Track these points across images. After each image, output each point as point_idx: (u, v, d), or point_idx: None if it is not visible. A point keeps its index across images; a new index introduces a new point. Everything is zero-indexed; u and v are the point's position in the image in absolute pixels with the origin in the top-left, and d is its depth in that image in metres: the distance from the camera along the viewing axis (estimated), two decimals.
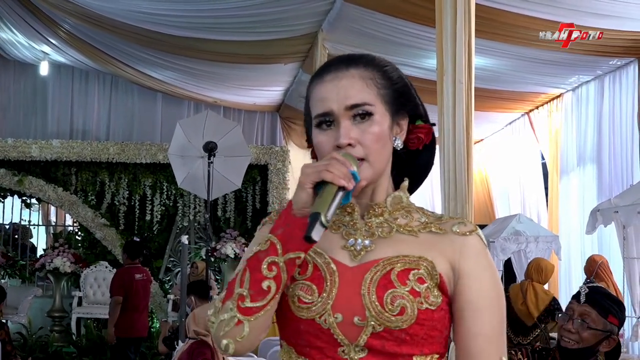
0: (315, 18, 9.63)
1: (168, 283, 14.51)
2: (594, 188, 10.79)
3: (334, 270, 1.86)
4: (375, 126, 1.88)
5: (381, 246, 1.89)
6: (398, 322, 1.79)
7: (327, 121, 1.90)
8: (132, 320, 10.24)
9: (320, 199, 1.74)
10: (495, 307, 1.88)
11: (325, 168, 1.77)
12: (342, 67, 1.93)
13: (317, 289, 1.84)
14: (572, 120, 11.56)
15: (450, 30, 5.56)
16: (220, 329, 1.80)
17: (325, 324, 1.82)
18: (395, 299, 1.79)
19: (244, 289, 1.79)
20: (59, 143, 14.52)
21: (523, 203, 13.31)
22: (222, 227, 14.48)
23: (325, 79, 1.93)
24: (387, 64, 1.98)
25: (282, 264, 1.79)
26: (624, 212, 7.65)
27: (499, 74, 10.41)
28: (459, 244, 1.88)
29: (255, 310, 1.78)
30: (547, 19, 8.28)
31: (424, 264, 1.84)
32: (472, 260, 1.88)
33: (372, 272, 1.83)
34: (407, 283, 1.81)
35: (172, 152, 10.58)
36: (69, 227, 16.64)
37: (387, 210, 1.95)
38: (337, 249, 1.90)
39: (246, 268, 1.82)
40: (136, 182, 14.72)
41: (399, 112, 1.95)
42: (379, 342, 1.80)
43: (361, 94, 1.88)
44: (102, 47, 12.70)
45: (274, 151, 15.17)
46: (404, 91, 1.97)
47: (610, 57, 9.79)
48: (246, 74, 12.91)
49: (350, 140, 1.86)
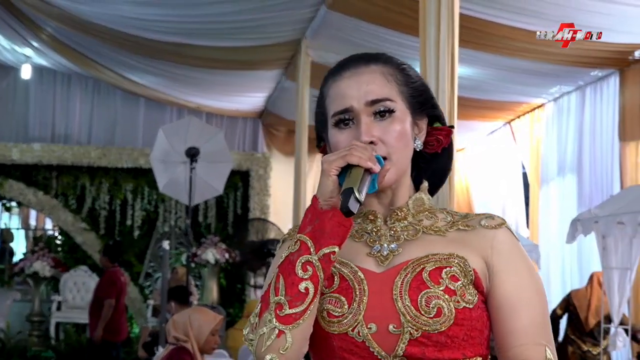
0: (299, 25, 9.65)
1: (148, 288, 14.46)
2: (574, 198, 10.84)
3: (362, 279, 1.76)
4: (397, 124, 1.82)
5: (408, 248, 1.80)
6: (436, 325, 1.69)
7: (346, 119, 1.83)
8: (120, 323, 10.31)
9: (348, 179, 1.69)
10: (535, 300, 1.78)
11: (349, 152, 1.71)
12: (362, 63, 1.88)
13: (347, 300, 1.74)
14: (553, 130, 11.62)
15: (434, 40, 5.59)
16: (261, 345, 1.69)
17: (359, 336, 1.72)
18: (430, 299, 1.70)
19: (281, 296, 1.69)
20: (40, 146, 14.46)
21: (503, 212, 13.36)
22: (203, 233, 14.46)
23: (344, 75, 1.86)
24: (405, 63, 1.93)
25: (317, 262, 1.69)
26: (604, 222, 7.69)
27: (481, 83, 10.46)
28: (489, 238, 1.80)
29: (296, 317, 1.68)
30: (530, 30, 8.32)
31: (456, 260, 1.75)
32: (505, 254, 1.79)
33: (402, 275, 1.74)
34: (440, 282, 1.72)
35: (154, 157, 10.56)
36: (48, 231, 16.58)
37: (411, 213, 1.87)
38: (363, 257, 1.81)
39: (279, 274, 1.73)
40: (117, 187, 14.68)
41: (418, 112, 1.89)
42: (419, 349, 1.70)
43: (382, 89, 1.83)
44: (84, 51, 12.67)
45: (256, 157, 15.17)
46: (423, 90, 1.92)
47: (592, 68, 9.85)
48: (229, 79, 12.92)
49: (372, 137, 1.79)
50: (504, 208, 13.38)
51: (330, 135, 1.86)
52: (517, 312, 1.75)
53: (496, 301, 1.77)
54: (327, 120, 1.88)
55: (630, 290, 8.25)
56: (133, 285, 14.27)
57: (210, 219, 14.83)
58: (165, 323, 6.63)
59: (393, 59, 1.92)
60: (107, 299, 10.11)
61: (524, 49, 8.96)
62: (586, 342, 8.67)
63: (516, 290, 1.76)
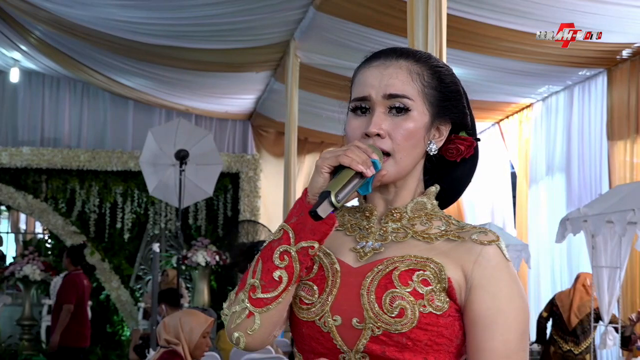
0: (288, 27, 9.66)
1: (139, 291, 14.45)
2: (563, 197, 10.88)
3: (337, 271, 1.78)
4: (410, 122, 1.80)
5: (390, 249, 1.79)
6: (397, 325, 1.69)
7: (362, 107, 1.83)
8: (82, 328, 9.94)
9: (334, 180, 1.70)
10: (512, 323, 1.73)
11: (344, 153, 1.71)
12: (393, 56, 1.87)
13: (318, 289, 1.78)
14: (542, 130, 11.66)
15: (422, 40, 5.60)
16: (232, 322, 1.76)
17: (325, 326, 1.75)
18: (394, 299, 1.70)
19: (256, 279, 1.74)
20: (29, 150, 14.44)
21: (492, 212, 13.40)
22: (193, 235, 14.46)
23: (373, 64, 1.86)
24: (443, 66, 1.91)
25: (295, 254, 1.73)
26: (593, 221, 7.72)
27: (470, 84, 10.45)
28: (475, 252, 1.75)
29: (267, 302, 1.73)
30: (518, 30, 8.36)
31: (431, 265, 1.73)
32: (488, 272, 1.74)
33: (374, 272, 1.75)
34: (409, 284, 1.71)
35: (144, 159, 10.55)
36: (38, 235, 16.53)
37: (407, 216, 1.84)
38: (346, 251, 1.82)
39: (259, 258, 1.77)
40: (107, 190, 14.66)
41: (441, 116, 1.86)
42: (379, 347, 1.71)
43: (403, 86, 1.81)
44: (73, 54, 12.65)
45: (246, 159, 15.18)
46: (453, 97, 1.89)
47: (580, 68, 9.89)
48: (218, 82, 12.92)
49: (380, 130, 1.78)
50: (492, 207, 13.42)
51: (347, 120, 1.87)
52: (490, 332, 1.72)
53: (470, 317, 1.74)
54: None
55: (619, 289, 8.28)
56: (124, 288, 14.26)
57: (200, 221, 14.83)
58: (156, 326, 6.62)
59: (431, 59, 1.90)
60: (66, 304, 9.73)
61: (512, 49, 8.99)
62: (568, 341, 8.72)
63: (492, 310, 1.73)
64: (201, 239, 14.05)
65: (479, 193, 13.91)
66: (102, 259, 14.25)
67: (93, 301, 13.98)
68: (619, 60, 9.56)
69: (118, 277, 14.30)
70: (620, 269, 8.06)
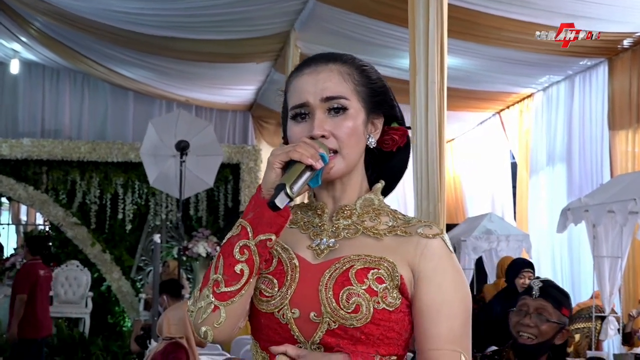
0: (288, 17, 9.64)
1: (140, 282, 14.46)
2: (564, 187, 10.87)
3: (296, 266, 1.88)
4: (349, 120, 1.90)
5: (344, 246, 1.89)
6: (352, 320, 1.79)
7: (302, 113, 1.92)
8: (40, 318, 9.82)
9: (287, 174, 1.79)
10: (456, 311, 1.86)
11: (293, 148, 1.80)
12: (322, 61, 1.95)
13: (278, 283, 1.86)
14: (543, 119, 11.65)
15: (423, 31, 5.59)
16: (198, 317, 1.83)
17: (284, 318, 1.84)
18: (350, 296, 1.80)
19: (219, 275, 1.82)
20: (30, 142, 14.41)
21: (493, 202, 13.39)
22: (194, 226, 14.44)
23: (304, 72, 1.95)
24: (367, 64, 2.00)
25: (254, 247, 1.82)
26: (594, 211, 7.72)
27: (470, 74, 10.47)
28: (421, 246, 1.87)
29: (230, 295, 1.81)
30: (519, 19, 8.34)
31: (385, 264, 1.84)
32: (433, 263, 1.86)
33: (331, 269, 1.84)
34: (364, 282, 1.81)
35: (144, 151, 10.54)
36: (39, 226, 16.53)
37: (356, 213, 1.95)
38: (303, 247, 1.92)
39: (220, 254, 1.86)
40: (107, 181, 14.63)
41: (374, 111, 1.97)
42: (335, 340, 1.81)
43: (338, 87, 1.90)
44: (73, 46, 12.64)
45: (246, 150, 15.15)
46: (381, 92, 1.99)
47: (581, 58, 9.87)
48: (218, 72, 12.90)
49: (324, 132, 1.88)
50: (492, 197, 13.41)
51: (288, 127, 1.96)
52: (436, 320, 1.84)
53: (418, 306, 1.85)
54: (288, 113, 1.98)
55: (621, 278, 8.28)
56: (125, 279, 14.26)
57: (201, 212, 14.81)
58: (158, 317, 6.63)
59: (355, 60, 1.99)
60: (19, 294, 9.66)
61: (513, 39, 8.98)
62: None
63: (438, 299, 1.84)
64: (202, 229, 14.04)
65: (479, 183, 13.92)
66: (103, 250, 14.24)
67: (94, 292, 14.02)
68: (620, 50, 9.55)
69: (119, 268, 14.29)
70: (622, 258, 8.06)
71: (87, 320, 13.59)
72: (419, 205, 5.60)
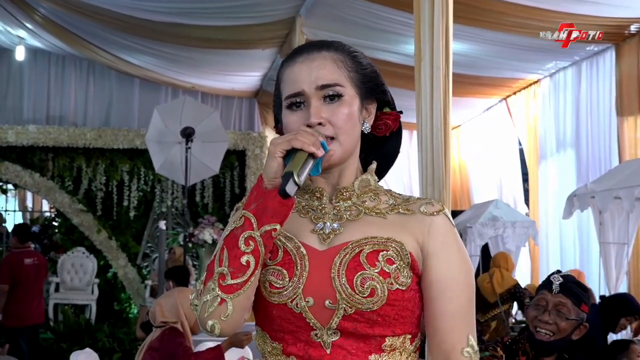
0: (293, 3, 9.61)
1: (146, 269, 14.47)
2: (572, 174, 10.84)
3: (304, 254, 1.88)
4: (345, 107, 1.91)
5: (349, 229, 1.91)
6: (369, 304, 1.80)
7: (297, 102, 1.92)
8: (25, 307, 9.72)
9: (291, 162, 1.80)
10: (463, 285, 1.91)
11: (295, 137, 1.81)
12: (315, 50, 1.96)
13: (288, 273, 1.86)
14: (550, 106, 11.61)
15: (428, 16, 5.56)
16: (204, 311, 1.82)
17: (297, 308, 1.84)
18: (365, 280, 1.81)
19: (224, 267, 1.81)
20: (35, 128, 14.41)
21: (500, 189, 13.37)
22: (199, 213, 14.44)
23: (297, 60, 1.95)
24: (357, 51, 2.01)
25: (259, 238, 1.81)
26: (600, 197, 7.70)
27: (476, 60, 10.43)
28: (426, 223, 1.91)
29: (237, 287, 1.80)
30: (525, 5, 8.30)
31: (393, 244, 1.86)
32: (439, 240, 1.90)
33: (341, 255, 1.85)
34: (376, 264, 1.83)
35: (150, 137, 10.53)
36: (45, 213, 16.54)
37: (355, 194, 1.97)
38: (307, 233, 1.92)
39: (224, 247, 1.84)
40: (113, 168, 14.63)
41: (367, 97, 1.99)
42: (351, 324, 1.83)
43: (332, 75, 1.92)
44: (79, 32, 12.61)
45: (252, 137, 15.13)
46: (373, 77, 2.00)
47: (588, 43, 9.82)
48: (224, 59, 12.88)
49: (321, 119, 1.89)
50: (500, 184, 13.38)
51: (283, 117, 1.97)
52: (445, 295, 1.89)
53: (427, 282, 1.90)
54: (282, 103, 1.98)
55: (627, 265, 8.25)
56: (131, 266, 14.27)
57: (207, 199, 14.81)
58: None
59: (345, 46, 2.01)
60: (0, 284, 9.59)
61: (519, 24, 8.93)
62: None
63: (446, 275, 1.89)
64: (208, 216, 14.03)
65: (487, 170, 13.89)
66: (109, 237, 14.25)
67: (100, 279, 14.04)
68: (627, 35, 9.50)
69: (125, 255, 14.30)
70: (628, 245, 8.05)
71: (94, 307, 13.61)
72: (424, 191, 5.58)
